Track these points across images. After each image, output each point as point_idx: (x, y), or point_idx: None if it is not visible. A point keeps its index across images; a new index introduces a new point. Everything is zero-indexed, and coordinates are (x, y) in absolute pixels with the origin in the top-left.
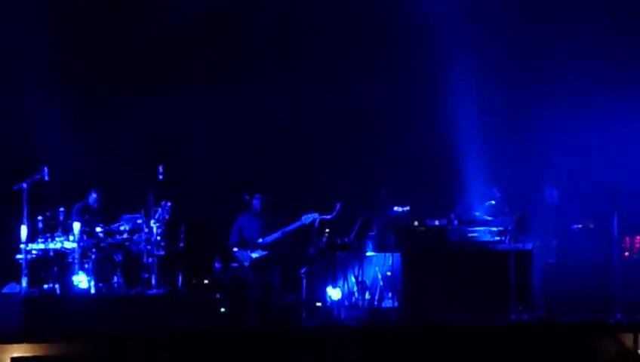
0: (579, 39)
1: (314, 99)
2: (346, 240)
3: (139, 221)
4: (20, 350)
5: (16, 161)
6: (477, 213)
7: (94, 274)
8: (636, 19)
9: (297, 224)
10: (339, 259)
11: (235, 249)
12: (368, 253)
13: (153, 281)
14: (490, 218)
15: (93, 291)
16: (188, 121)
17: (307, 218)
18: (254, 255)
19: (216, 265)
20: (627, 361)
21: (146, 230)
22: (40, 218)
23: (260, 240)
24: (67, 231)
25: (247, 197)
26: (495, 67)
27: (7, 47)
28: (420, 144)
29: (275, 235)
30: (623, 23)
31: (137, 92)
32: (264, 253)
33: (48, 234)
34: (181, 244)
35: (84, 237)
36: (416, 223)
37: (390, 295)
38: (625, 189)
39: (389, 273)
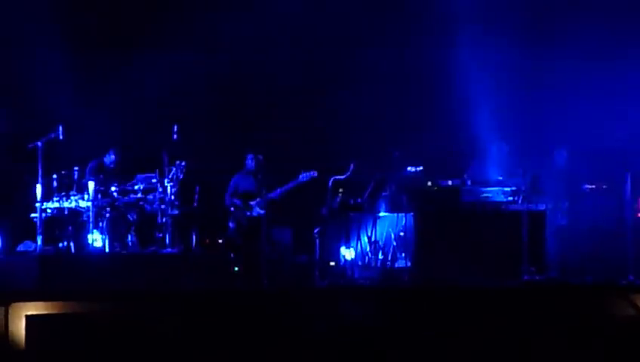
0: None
1: (329, 62)
2: (360, 200)
3: (153, 180)
4: (34, 308)
5: (31, 119)
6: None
7: (109, 232)
8: None
9: (295, 183)
10: (352, 219)
11: (232, 208)
12: (381, 214)
13: (167, 241)
14: (502, 178)
15: (107, 250)
16: (202, 80)
17: (304, 176)
18: (251, 213)
19: (230, 224)
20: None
21: (160, 189)
22: (55, 176)
23: (257, 200)
24: (82, 189)
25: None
26: (507, 27)
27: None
28: (434, 104)
29: (272, 194)
30: None
31: (153, 51)
32: (262, 212)
33: (63, 193)
34: (195, 204)
35: (99, 196)
36: (429, 183)
37: (403, 255)
38: (638, 150)
39: (402, 233)
